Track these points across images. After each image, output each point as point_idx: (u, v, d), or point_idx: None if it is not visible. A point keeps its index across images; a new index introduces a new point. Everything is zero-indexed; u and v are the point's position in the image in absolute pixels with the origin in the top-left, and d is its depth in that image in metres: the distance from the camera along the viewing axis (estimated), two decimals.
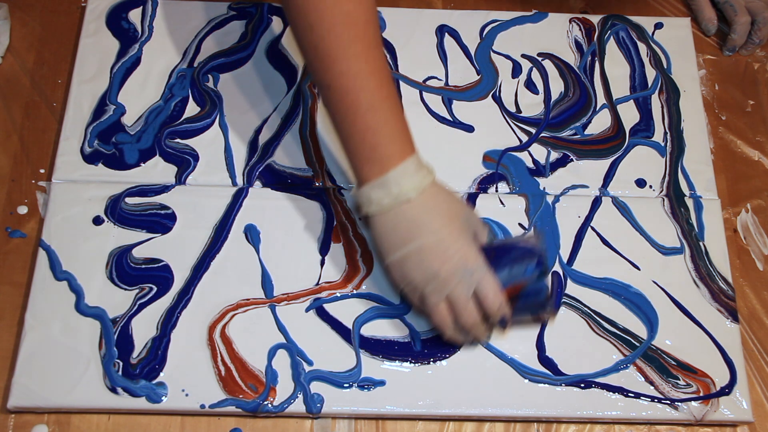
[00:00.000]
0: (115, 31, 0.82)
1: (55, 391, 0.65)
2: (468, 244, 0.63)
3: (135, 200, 0.73)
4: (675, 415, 0.67)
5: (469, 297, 0.62)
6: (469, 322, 0.63)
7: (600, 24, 0.85)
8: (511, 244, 0.65)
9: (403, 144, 0.64)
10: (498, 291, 0.62)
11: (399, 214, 0.62)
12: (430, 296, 0.63)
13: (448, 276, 0.62)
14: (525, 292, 0.63)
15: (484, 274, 0.62)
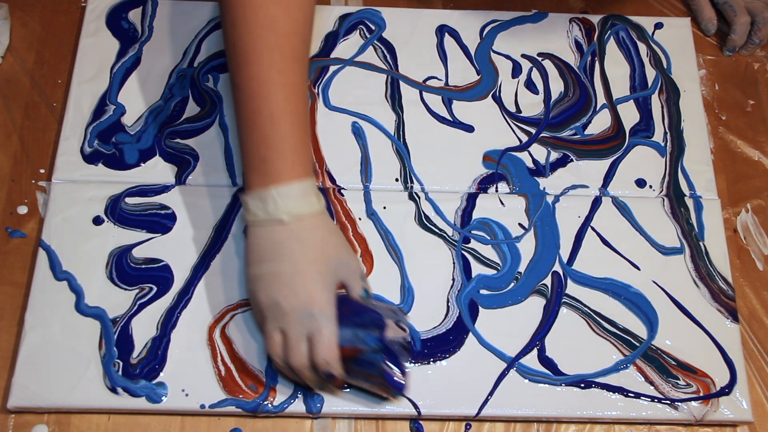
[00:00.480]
0: (115, 31, 0.82)
1: (55, 391, 0.65)
2: (322, 288, 0.61)
3: (135, 200, 0.73)
4: (675, 415, 0.67)
5: (301, 338, 0.60)
6: (295, 362, 0.61)
7: (600, 24, 0.85)
8: (366, 308, 0.62)
9: (296, 165, 0.62)
10: (332, 346, 0.60)
11: (269, 232, 0.62)
12: (267, 322, 0.62)
13: (288, 310, 0.60)
14: (361, 358, 0.61)
15: (325, 323, 0.60)
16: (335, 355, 0.60)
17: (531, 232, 0.74)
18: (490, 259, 0.72)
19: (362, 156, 0.76)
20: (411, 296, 0.70)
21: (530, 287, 0.71)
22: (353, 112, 0.79)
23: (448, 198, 0.75)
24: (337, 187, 0.75)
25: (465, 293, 0.70)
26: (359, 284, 0.65)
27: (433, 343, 0.68)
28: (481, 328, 0.69)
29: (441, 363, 0.68)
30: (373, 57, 0.82)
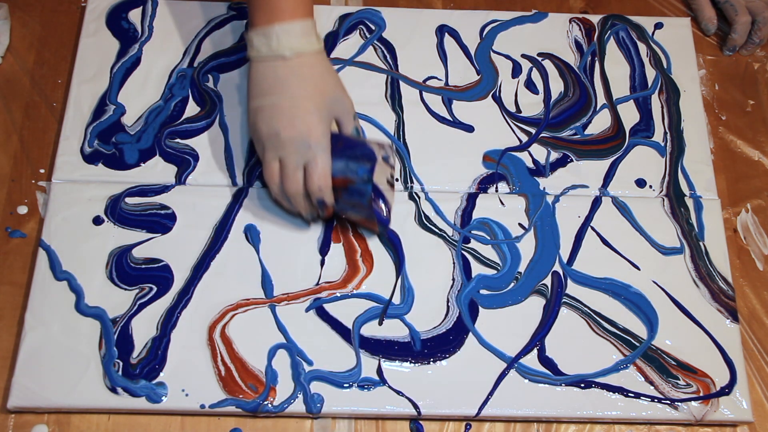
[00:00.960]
0: (115, 31, 0.82)
1: (55, 391, 0.65)
2: (319, 121, 0.65)
3: (135, 200, 0.73)
4: (675, 415, 0.67)
5: (299, 167, 0.65)
6: (291, 189, 0.66)
7: (600, 24, 0.85)
8: (359, 141, 0.67)
9: (298, 5, 0.66)
10: (325, 175, 0.65)
11: (270, 67, 0.66)
12: (266, 151, 0.67)
13: (286, 140, 0.65)
14: (351, 188, 0.66)
15: (319, 153, 0.65)
16: (328, 183, 0.66)
17: (531, 232, 0.74)
18: (490, 259, 0.72)
19: None
20: (411, 296, 0.70)
21: (530, 287, 0.71)
22: None
23: (448, 198, 0.75)
24: None
25: (465, 293, 0.70)
26: (351, 123, 0.70)
27: (433, 343, 0.68)
28: (481, 328, 0.69)
29: (441, 363, 0.68)
30: (373, 57, 0.82)
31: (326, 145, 0.65)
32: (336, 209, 0.68)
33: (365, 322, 0.69)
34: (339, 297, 0.70)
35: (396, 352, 0.68)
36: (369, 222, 0.69)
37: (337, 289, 0.70)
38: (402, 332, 0.69)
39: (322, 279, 0.71)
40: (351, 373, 0.67)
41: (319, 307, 0.69)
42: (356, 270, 0.71)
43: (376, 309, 0.69)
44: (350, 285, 0.70)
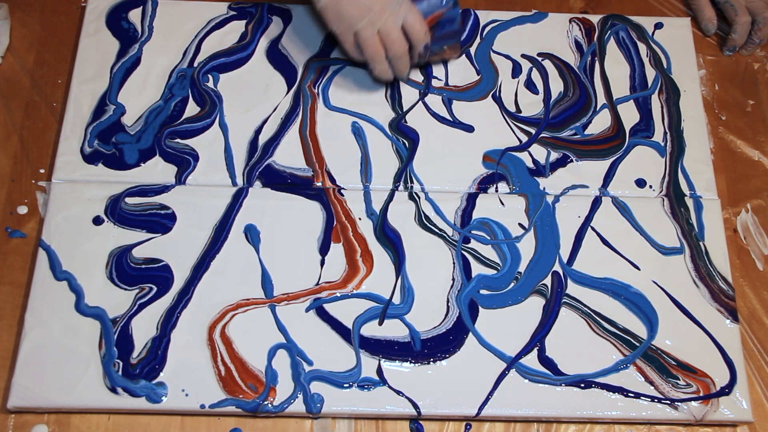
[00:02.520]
0: (115, 31, 0.82)
1: (55, 391, 0.65)
2: None
3: (135, 200, 0.73)
4: (675, 415, 0.67)
5: (399, 27, 0.71)
6: (399, 51, 0.72)
7: (600, 24, 0.85)
8: None
9: None
10: (422, 20, 0.72)
11: None
12: (364, 30, 0.71)
13: (381, 9, 0.69)
14: (442, 21, 0.72)
15: (410, 5, 0.71)
16: (427, 27, 0.72)
17: (531, 232, 0.74)
18: (490, 259, 0.72)
19: (362, 156, 0.77)
20: (411, 296, 0.70)
21: (530, 287, 0.71)
22: (353, 112, 0.79)
23: (448, 198, 0.75)
24: (337, 187, 0.75)
25: (465, 293, 0.71)
26: None
27: (433, 343, 0.68)
28: (481, 328, 0.69)
29: (441, 363, 0.68)
30: None
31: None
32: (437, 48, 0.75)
33: (365, 322, 0.69)
34: (339, 297, 0.70)
35: (396, 352, 0.68)
36: (453, 49, 0.77)
37: (337, 289, 0.70)
38: (402, 332, 0.69)
39: (322, 279, 0.71)
40: (351, 373, 0.67)
41: (319, 307, 0.69)
42: (356, 270, 0.71)
43: (376, 309, 0.69)
44: (350, 285, 0.70)
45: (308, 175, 0.75)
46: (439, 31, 0.74)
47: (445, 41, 0.76)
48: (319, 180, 0.75)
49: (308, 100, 0.79)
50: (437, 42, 0.75)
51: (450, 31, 0.74)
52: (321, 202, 0.74)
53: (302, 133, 0.77)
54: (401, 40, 0.72)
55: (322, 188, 0.75)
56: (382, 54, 0.72)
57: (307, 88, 0.80)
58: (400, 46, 0.72)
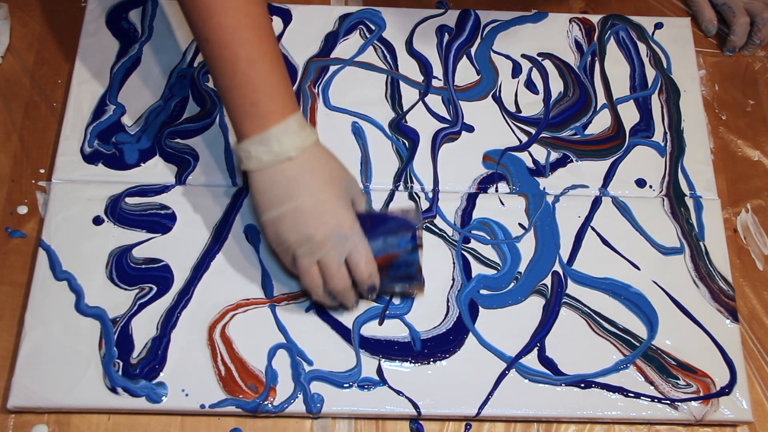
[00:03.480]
0: (115, 31, 0.82)
1: (55, 391, 0.65)
2: (345, 209, 0.63)
3: (135, 200, 0.73)
4: (675, 415, 0.67)
5: (341, 263, 0.62)
6: (339, 287, 0.63)
7: (600, 24, 0.85)
8: (387, 215, 0.66)
9: (285, 101, 0.63)
10: (370, 259, 0.63)
11: (278, 172, 0.62)
12: (302, 258, 0.63)
13: (323, 240, 0.61)
14: (397, 263, 0.64)
15: (358, 241, 0.63)
16: (375, 267, 0.64)
17: (531, 232, 0.74)
18: (490, 259, 0.72)
19: (362, 156, 0.77)
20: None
21: (530, 287, 0.71)
22: (353, 112, 0.79)
23: (448, 198, 0.75)
24: None
25: (465, 293, 0.70)
26: (363, 199, 0.68)
27: (433, 343, 0.68)
28: (481, 328, 0.69)
29: (441, 363, 0.68)
30: (373, 57, 0.82)
31: (359, 230, 0.63)
32: (386, 287, 0.66)
33: (365, 322, 0.69)
34: None
35: (396, 352, 0.68)
36: (414, 288, 0.68)
37: None
38: (402, 332, 0.69)
39: None
40: (351, 373, 0.67)
41: (319, 307, 0.69)
42: None
43: (376, 309, 0.69)
44: None
45: None
46: (393, 271, 0.65)
47: (400, 282, 0.67)
48: None
49: (308, 100, 0.79)
50: (390, 282, 0.66)
51: (405, 275, 0.66)
52: None
53: None
54: (341, 276, 0.63)
55: None
56: (320, 286, 0.64)
57: (307, 88, 0.80)
58: (339, 281, 0.63)
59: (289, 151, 0.62)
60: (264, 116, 0.62)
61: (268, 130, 0.61)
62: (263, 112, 0.62)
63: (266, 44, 0.63)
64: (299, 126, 0.63)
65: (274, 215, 0.63)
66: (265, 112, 0.62)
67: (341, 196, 0.63)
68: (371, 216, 0.65)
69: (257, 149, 0.62)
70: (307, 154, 0.63)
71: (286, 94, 0.63)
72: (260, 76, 0.62)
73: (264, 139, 0.62)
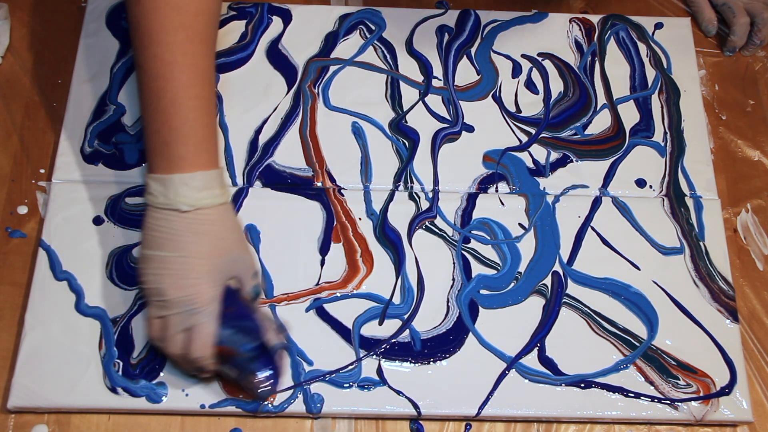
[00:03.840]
0: (115, 31, 0.82)
1: (55, 391, 0.65)
2: (209, 284, 0.60)
3: (135, 200, 0.73)
4: (675, 415, 0.67)
5: (180, 331, 0.60)
6: (171, 351, 0.61)
7: (600, 24, 0.85)
8: (252, 316, 0.62)
9: (199, 153, 0.61)
10: (207, 345, 0.60)
11: (166, 218, 0.60)
12: (150, 306, 0.62)
13: (172, 302, 0.59)
14: (235, 360, 0.62)
15: (205, 320, 0.60)
16: (209, 353, 0.60)
17: (531, 232, 0.74)
18: (490, 259, 0.72)
19: (362, 156, 0.77)
20: (411, 296, 0.70)
21: (530, 287, 0.71)
22: (353, 112, 0.79)
23: (448, 198, 0.75)
24: (337, 187, 0.75)
25: (465, 293, 0.70)
26: (251, 282, 0.64)
27: (433, 343, 0.68)
28: (481, 328, 0.69)
29: (441, 363, 0.68)
30: (373, 57, 0.82)
31: (213, 310, 0.60)
32: (220, 370, 0.63)
33: (365, 322, 0.69)
34: (339, 297, 0.70)
35: (396, 352, 0.68)
36: (252, 389, 0.64)
37: (337, 289, 0.70)
38: (402, 332, 0.69)
39: (322, 279, 0.71)
40: (351, 373, 0.67)
41: (319, 307, 0.69)
42: (356, 270, 0.71)
43: (376, 309, 0.69)
44: (350, 285, 0.70)
45: (308, 175, 0.75)
46: (231, 365, 0.62)
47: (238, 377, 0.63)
48: (319, 180, 0.75)
49: (308, 100, 0.79)
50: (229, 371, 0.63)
51: (241, 375, 0.63)
52: (321, 202, 0.74)
53: (302, 133, 0.77)
54: (176, 343, 0.60)
55: (322, 188, 0.75)
56: (157, 338, 0.62)
57: (307, 88, 0.80)
58: (171, 346, 0.61)
59: (181, 205, 0.60)
60: (171, 160, 0.60)
61: (171, 175, 0.60)
62: (172, 155, 0.60)
63: (198, 88, 0.61)
64: (204, 184, 0.60)
65: (145, 253, 0.62)
66: (175, 156, 0.60)
67: (214, 270, 0.60)
68: (237, 305, 0.62)
69: (156, 188, 0.61)
70: (201, 215, 0.60)
71: (202, 146, 0.61)
72: (180, 118, 0.60)
73: (164, 181, 0.60)
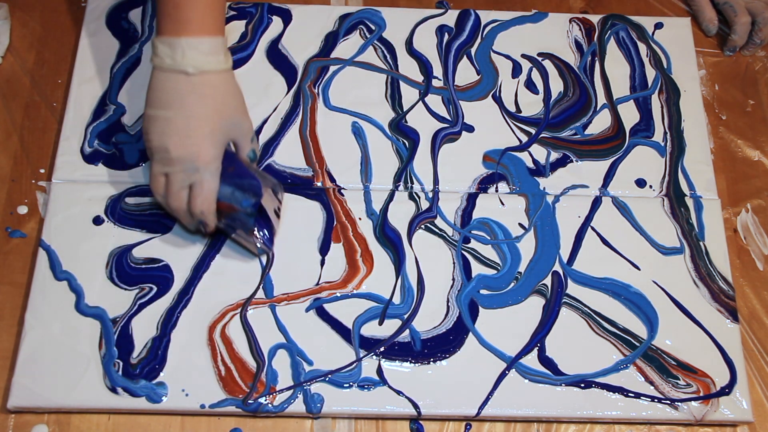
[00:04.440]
0: (115, 31, 0.82)
1: (55, 391, 0.65)
2: (212, 143, 0.64)
3: (135, 200, 0.73)
4: (675, 415, 0.67)
5: (184, 187, 0.65)
6: (173, 206, 0.66)
7: (600, 24, 0.85)
8: (250, 173, 0.66)
9: (207, 19, 0.64)
10: (209, 199, 0.65)
11: (172, 79, 0.64)
12: (154, 164, 0.66)
13: (175, 159, 0.64)
14: (234, 215, 0.66)
15: (207, 177, 0.64)
16: (211, 208, 0.65)
17: (531, 232, 0.74)
18: (490, 259, 0.72)
19: (362, 156, 0.77)
20: (411, 296, 0.70)
21: (530, 287, 0.71)
22: (353, 112, 0.79)
23: (448, 198, 0.75)
24: (337, 187, 0.75)
25: (465, 293, 0.71)
26: (248, 146, 0.69)
27: (433, 343, 0.68)
28: (481, 328, 0.69)
29: (441, 363, 0.68)
30: (373, 57, 0.82)
31: (215, 168, 0.64)
32: (219, 229, 0.68)
33: (365, 322, 0.69)
34: (339, 297, 0.70)
35: (396, 352, 0.68)
36: (249, 245, 0.69)
37: (337, 289, 0.70)
38: (402, 332, 0.69)
39: (322, 279, 0.71)
40: (351, 373, 0.67)
41: (319, 307, 0.69)
42: (356, 270, 0.71)
43: (376, 309, 0.69)
44: (350, 285, 0.70)
45: (308, 175, 0.75)
46: (230, 221, 0.67)
47: (236, 234, 0.68)
48: (319, 180, 0.75)
49: (308, 100, 0.79)
50: (228, 228, 0.68)
51: (240, 230, 0.67)
52: (321, 202, 0.74)
53: (302, 133, 0.77)
54: (178, 198, 0.65)
55: (322, 188, 0.75)
56: (160, 195, 0.66)
57: (307, 88, 0.80)
58: (174, 201, 0.65)
59: (188, 67, 0.63)
60: (180, 23, 0.63)
61: (179, 38, 0.63)
62: (182, 18, 0.63)
63: None
64: (211, 49, 0.64)
65: (151, 113, 0.65)
66: (183, 19, 0.63)
67: (216, 131, 0.64)
68: (237, 165, 0.66)
69: (163, 49, 0.64)
70: (206, 78, 0.64)
71: (210, 12, 0.64)
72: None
73: (173, 43, 0.63)
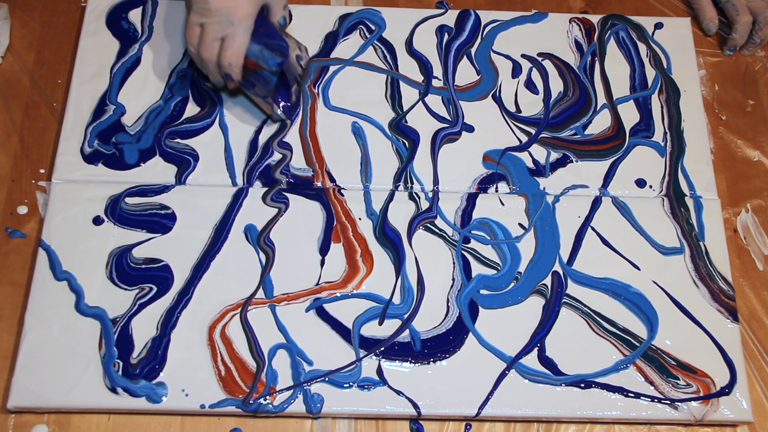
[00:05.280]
0: (115, 31, 0.82)
1: (55, 391, 0.65)
2: (249, 1, 0.69)
3: (135, 200, 0.73)
4: (675, 415, 0.67)
5: (217, 39, 0.70)
6: (204, 55, 0.71)
7: (600, 24, 0.85)
8: (281, 35, 0.71)
9: None
10: (239, 53, 0.70)
11: None
12: (192, 14, 0.71)
13: (213, 10, 0.68)
14: (259, 73, 0.71)
15: (240, 32, 0.69)
16: (239, 61, 0.70)
17: (531, 232, 0.74)
18: (490, 259, 0.72)
19: (362, 156, 0.77)
20: (411, 296, 0.70)
21: (530, 287, 0.71)
22: (353, 112, 0.79)
23: (448, 198, 0.75)
24: (337, 187, 0.75)
25: (465, 293, 0.71)
26: (281, 11, 0.74)
27: (433, 343, 0.68)
28: (481, 328, 0.69)
29: (441, 363, 0.68)
30: (373, 57, 0.82)
31: (248, 25, 0.69)
32: (241, 85, 0.73)
33: (365, 322, 0.69)
34: (339, 297, 0.70)
35: (396, 352, 0.68)
36: (266, 107, 0.75)
37: (337, 289, 0.70)
38: (402, 332, 0.69)
39: (322, 279, 0.71)
40: (351, 373, 0.67)
41: (319, 307, 0.69)
42: (356, 270, 0.71)
43: (376, 309, 0.69)
44: (350, 285, 0.71)
45: (308, 175, 0.75)
46: (254, 78, 0.72)
47: (257, 93, 0.74)
48: (319, 180, 0.75)
49: (308, 100, 0.79)
50: (249, 86, 0.73)
51: (262, 89, 0.72)
52: (321, 202, 0.74)
53: (302, 133, 0.77)
54: (210, 48, 0.70)
55: (322, 188, 0.75)
56: (193, 44, 0.72)
57: (307, 88, 0.80)
58: (205, 51, 0.71)
59: None
60: None
61: None
62: None
63: None
64: None
65: None
66: None
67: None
68: (269, 26, 0.71)
69: None
70: None
71: None
72: None
73: None
